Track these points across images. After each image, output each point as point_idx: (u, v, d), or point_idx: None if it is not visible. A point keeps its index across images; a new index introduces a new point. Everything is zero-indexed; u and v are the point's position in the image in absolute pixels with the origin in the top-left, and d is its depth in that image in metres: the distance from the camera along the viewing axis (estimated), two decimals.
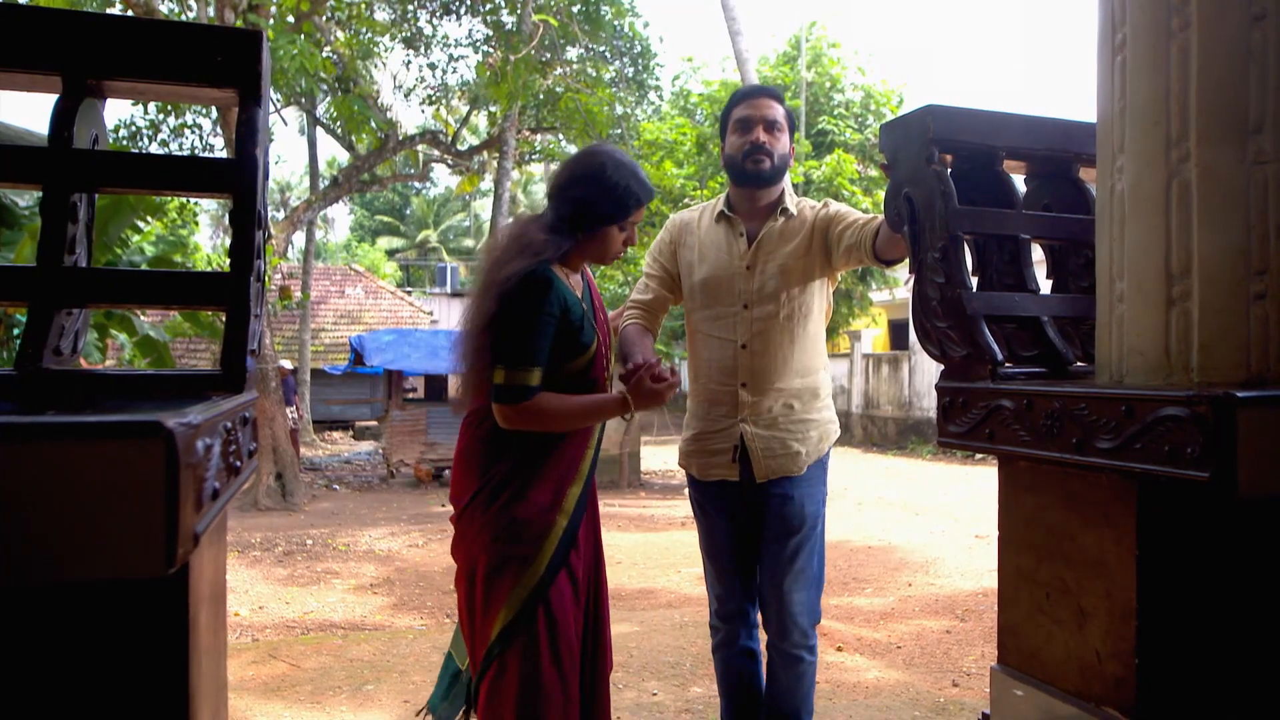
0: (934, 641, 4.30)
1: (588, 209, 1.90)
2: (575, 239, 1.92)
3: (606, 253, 1.97)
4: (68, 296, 1.20)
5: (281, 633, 4.75)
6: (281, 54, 8.10)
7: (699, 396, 2.31)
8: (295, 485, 9.83)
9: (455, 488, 1.95)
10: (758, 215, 2.28)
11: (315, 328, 19.52)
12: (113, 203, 5.68)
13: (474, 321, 1.86)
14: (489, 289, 1.83)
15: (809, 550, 2.21)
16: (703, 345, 2.29)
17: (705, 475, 2.27)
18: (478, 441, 1.92)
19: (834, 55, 16.36)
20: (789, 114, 2.27)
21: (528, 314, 1.81)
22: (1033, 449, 1.33)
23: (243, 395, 1.15)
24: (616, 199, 1.91)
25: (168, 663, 0.94)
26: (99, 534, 0.75)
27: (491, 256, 1.91)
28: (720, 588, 2.33)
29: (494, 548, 1.84)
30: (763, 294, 2.20)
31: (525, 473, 1.87)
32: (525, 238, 1.88)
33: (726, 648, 2.35)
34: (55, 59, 1.21)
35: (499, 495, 1.86)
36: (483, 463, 1.90)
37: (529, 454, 1.88)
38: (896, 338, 19.30)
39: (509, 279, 1.80)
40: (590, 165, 1.93)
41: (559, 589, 1.87)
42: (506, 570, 1.83)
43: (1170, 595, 1.22)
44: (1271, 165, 1.19)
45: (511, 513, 1.85)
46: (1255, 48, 1.19)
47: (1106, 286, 1.34)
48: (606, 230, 1.93)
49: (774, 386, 2.19)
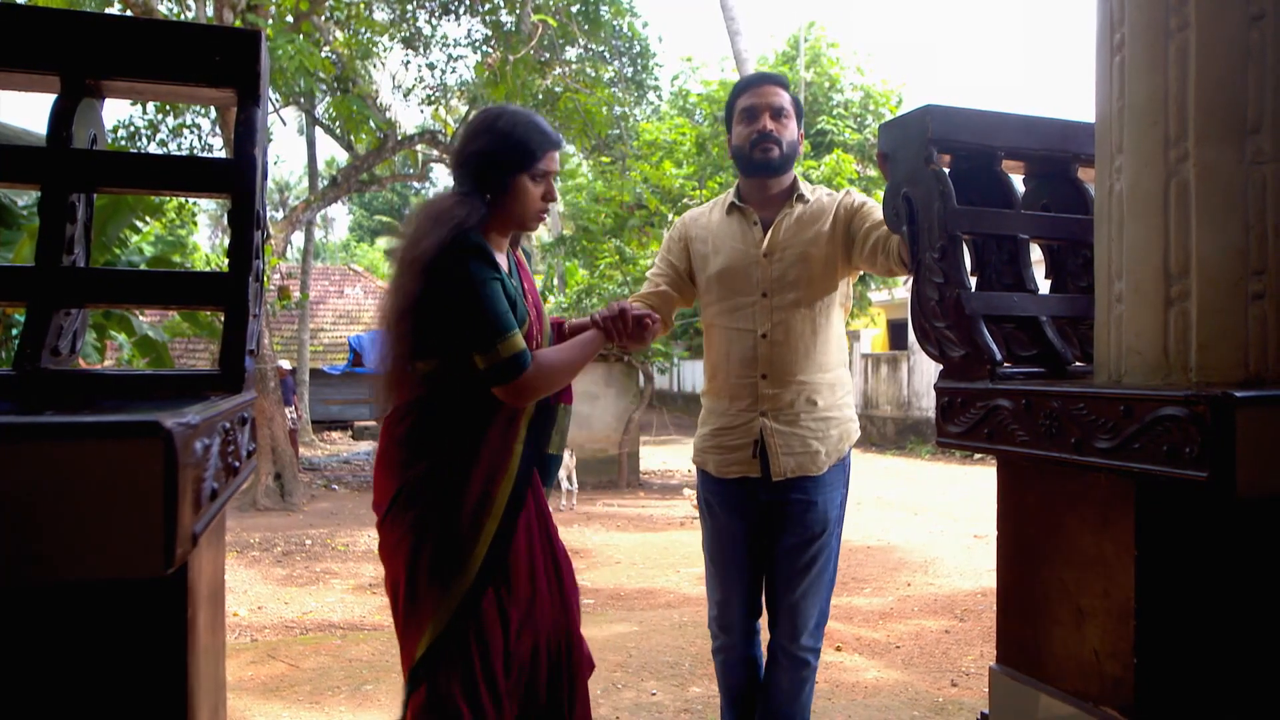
0: (933, 641, 4.30)
1: (490, 161, 1.76)
2: (485, 201, 1.76)
3: (526, 211, 1.82)
4: (66, 296, 1.20)
5: (280, 633, 4.75)
6: (280, 53, 8.10)
7: (718, 392, 2.23)
8: (294, 485, 9.82)
9: (376, 493, 1.80)
10: (771, 204, 2.21)
11: (314, 328, 19.51)
12: (111, 202, 5.68)
13: (393, 308, 1.69)
14: (408, 268, 1.67)
15: (828, 555, 2.17)
16: (721, 339, 2.22)
17: (723, 472, 2.19)
18: (395, 442, 1.77)
19: (833, 55, 16.37)
20: (796, 101, 2.21)
21: (469, 282, 1.66)
22: (1031, 449, 1.33)
23: (241, 395, 1.15)
24: (517, 143, 1.77)
25: (166, 662, 0.94)
26: (98, 534, 0.75)
27: (403, 238, 1.75)
28: (721, 594, 2.25)
29: (415, 558, 1.69)
30: (783, 282, 2.13)
31: (446, 472, 1.72)
32: (435, 210, 1.73)
33: (726, 653, 2.28)
34: (54, 59, 1.21)
35: (418, 499, 1.71)
36: (402, 464, 1.74)
37: (450, 451, 1.73)
38: (895, 338, 19.31)
39: (429, 251, 1.64)
40: (484, 119, 1.82)
41: (490, 607, 1.72)
42: (431, 584, 1.68)
43: (1169, 595, 1.22)
44: (1270, 165, 1.19)
45: (434, 518, 1.70)
46: (1253, 48, 1.19)
47: (1105, 286, 1.34)
48: (516, 182, 1.78)
49: (795, 379, 2.12)
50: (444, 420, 1.75)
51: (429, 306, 1.67)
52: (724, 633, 2.27)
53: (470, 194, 1.75)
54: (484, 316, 1.67)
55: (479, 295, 1.66)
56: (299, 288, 17.11)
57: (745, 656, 2.27)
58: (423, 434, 1.74)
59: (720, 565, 2.25)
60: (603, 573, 6.32)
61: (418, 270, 1.65)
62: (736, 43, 10.13)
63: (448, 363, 1.73)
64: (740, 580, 2.23)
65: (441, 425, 1.75)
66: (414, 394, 1.76)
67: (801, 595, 2.15)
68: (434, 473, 1.72)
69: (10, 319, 5.36)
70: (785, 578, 2.17)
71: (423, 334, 1.69)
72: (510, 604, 1.75)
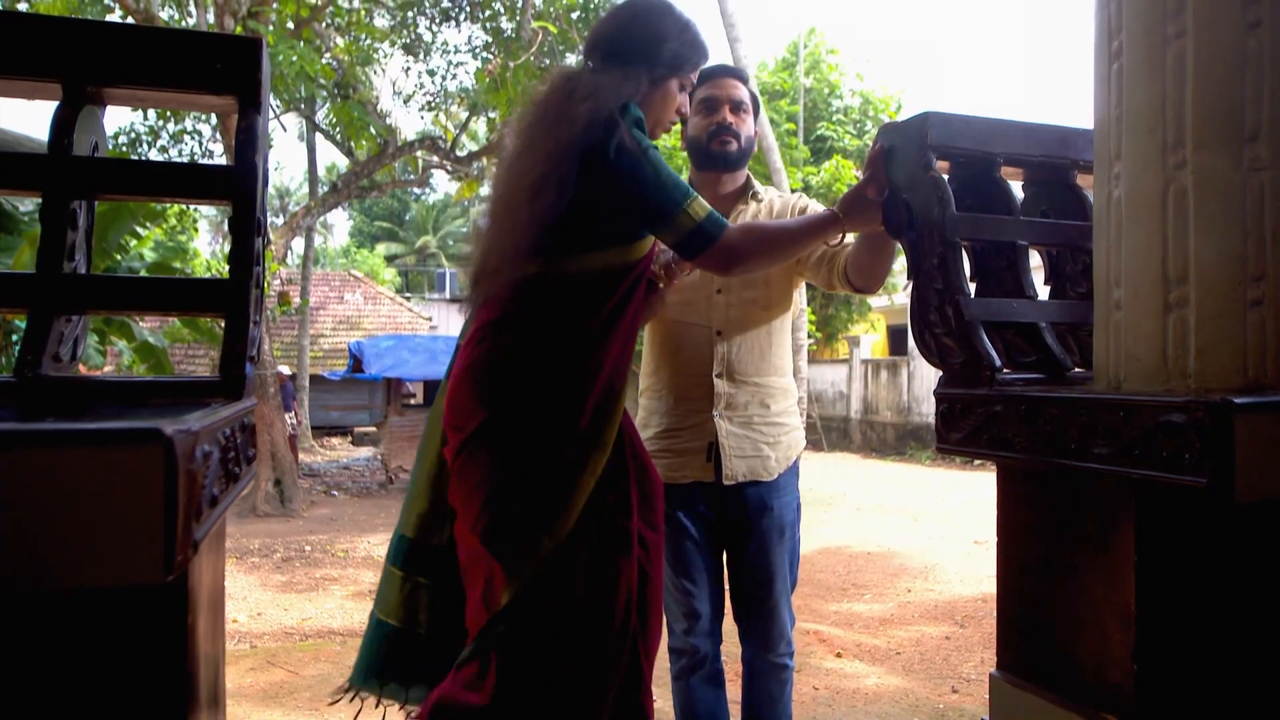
0: (933, 647, 4.29)
1: (653, 49, 1.55)
2: (641, 84, 1.52)
3: (663, 116, 1.63)
4: (67, 303, 1.21)
5: (280, 639, 4.74)
6: (281, 59, 8.12)
7: (662, 391, 2.11)
8: (294, 491, 9.81)
9: (451, 414, 1.51)
10: (724, 201, 2.14)
11: (314, 333, 19.53)
12: (112, 208, 5.69)
13: (522, 187, 1.41)
14: (550, 137, 1.40)
15: (794, 558, 2.13)
16: (669, 333, 2.09)
17: (673, 477, 2.04)
18: (485, 360, 1.48)
19: (832, 61, 16.44)
20: (754, 96, 2.14)
21: (641, 151, 1.43)
22: (1031, 455, 1.33)
23: (242, 402, 1.16)
24: (693, 40, 1.60)
25: (166, 670, 0.94)
26: (98, 541, 0.75)
27: (535, 109, 1.50)
28: (687, 606, 2.08)
29: (498, 505, 1.44)
30: (741, 280, 2.04)
31: (551, 398, 1.46)
32: (590, 83, 1.47)
33: (693, 672, 2.11)
34: (55, 66, 1.21)
35: (506, 434, 1.45)
36: (495, 384, 1.46)
37: (559, 371, 1.47)
38: (895, 343, 19.32)
39: (585, 118, 1.39)
40: (650, 4, 1.60)
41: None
42: (525, 519, 1.43)
43: (1169, 601, 1.22)
44: (1267, 172, 1.20)
45: (526, 458, 1.45)
46: (1251, 55, 1.20)
47: (1104, 292, 1.34)
48: (668, 84, 1.59)
49: (751, 380, 2.06)
50: (555, 333, 1.49)
51: (578, 185, 1.40)
52: (695, 648, 2.10)
53: (633, 73, 1.52)
54: (663, 182, 1.46)
55: (654, 162, 1.45)
56: (299, 293, 17.12)
57: (715, 671, 2.14)
58: (526, 351, 1.46)
59: (686, 575, 2.07)
60: None
61: (573, 130, 1.40)
62: (736, 49, 10.14)
63: (576, 260, 1.48)
64: (708, 586, 2.09)
65: (552, 339, 1.48)
66: (513, 303, 1.48)
67: (775, 603, 2.08)
68: (535, 399, 1.45)
69: (10, 324, 5.37)
70: (754, 587, 2.08)
71: (564, 220, 1.40)
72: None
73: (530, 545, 1.43)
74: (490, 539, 1.44)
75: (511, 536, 1.43)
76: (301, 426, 15.33)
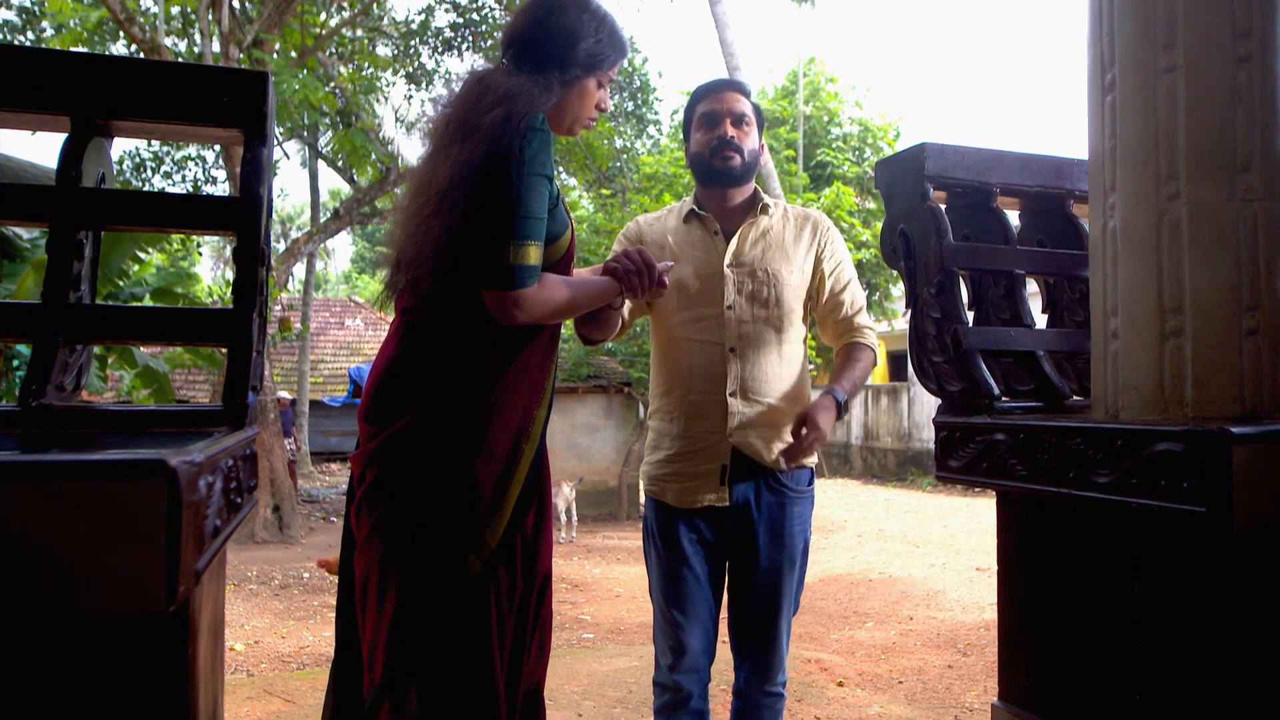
0: (936, 676, 4.26)
1: (569, 48, 1.52)
2: (557, 87, 1.51)
3: (581, 113, 1.60)
4: (73, 333, 1.22)
5: (277, 667, 4.70)
6: (285, 88, 8.20)
7: (674, 412, 2.03)
8: (292, 517, 9.77)
9: (374, 410, 1.46)
10: (732, 215, 2.08)
11: (314, 359, 19.52)
12: (114, 234, 5.72)
13: (437, 179, 1.39)
14: (465, 135, 1.39)
15: (800, 584, 2.05)
16: (681, 352, 2.02)
17: (686, 502, 1.97)
18: (390, 370, 1.46)
19: (832, 89, 16.59)
20: (757, 109, 2.09)
21: (521, 166, 1.39)
22: (1030, 483, 1.33)
23: (244, 432, 1.16)
24: (612, 34, 1.57)
25: (167, 700, 0.93)
26: (101, 572, 0.75)
27: (455, 107, 1.46)
28: (677, 640, 1.98)
29: (395, 551, 1.40)
30: (752, 298, 2.00)
31: (454, 422, 1.43)
32: (505, 85, 1.44)
33: (674, 711, 2.01)
34: (64, 100, 1.23)
35: (401, 472, 1.42)
36: (397, 400, 1.43)
37: (463, 387, 1.45)
38: (895, 369, 19.31)
39: (497, 121, 1.38)
40: (564, 1, 1.56)
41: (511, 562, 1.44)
42: (449, 519, 1.41)
43: (1169, 629, 1.22)
44: (1260, 203, 1.21)
45: (428, 500, 1.41)
46: (1241, 88, 1.22)
47: (1101, 322, 1.35)
48: (584, 83, 1.56)
49: (765, 400, 1.98)
50: (475, 339, 1.46)
51: (477, 182, 1.39)
52: (678, 685, 2.01)
53: (544, 78, 1.49)
54: (524, 209, 1.40)
55: (523, 184, 1.40)
56: (300, 319, 17.15)
57: (697, 712, 2.02)
58: (425, 364, 1.44)
59: (679, 607, 1.99)
60: (603, 606, 6.27)
61: (479, 140, 1.38)
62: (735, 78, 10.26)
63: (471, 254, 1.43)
64: (703, 621, 2.00)
65: (472, 345, 1.45)
66: (431, 307, 1.46)
67: (777, 631, 2.01)
68: (433, 424, 1.41)
69: (12, 350, 5.38)
70: (759, 613, 2.00)
71: (474, 229, 1.40)
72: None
73: (458, 565, 1.40)
74: (411, 558, 1.40)
75: (438, 555, 1.40)
76: (301, 452, 15.30)
